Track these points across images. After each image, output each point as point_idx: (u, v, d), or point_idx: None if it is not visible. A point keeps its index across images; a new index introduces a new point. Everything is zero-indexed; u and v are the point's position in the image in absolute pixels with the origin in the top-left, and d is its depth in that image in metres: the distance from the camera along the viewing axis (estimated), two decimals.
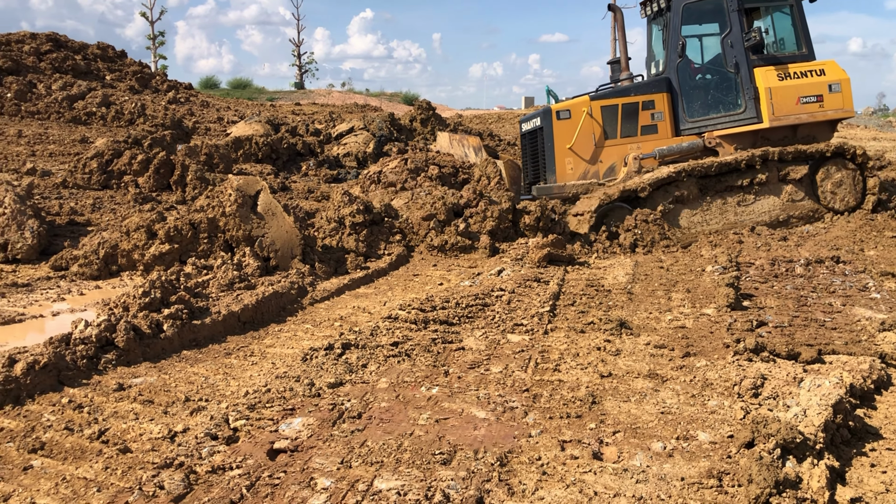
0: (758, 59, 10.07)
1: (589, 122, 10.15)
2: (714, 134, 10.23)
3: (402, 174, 10.28)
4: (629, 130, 10.29)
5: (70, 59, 21.85)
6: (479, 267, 7.72)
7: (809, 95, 10.03)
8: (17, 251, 7.17)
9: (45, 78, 20.17)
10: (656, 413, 3.65)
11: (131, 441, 3.38)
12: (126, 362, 4.44)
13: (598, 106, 10.23)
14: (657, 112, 10.32)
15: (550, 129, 10.15)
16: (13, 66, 19.88)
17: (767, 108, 9.93)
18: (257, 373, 4.42)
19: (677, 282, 6.82)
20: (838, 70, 10.23)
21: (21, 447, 3.28)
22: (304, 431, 3.41)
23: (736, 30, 10.00)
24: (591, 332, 5.10)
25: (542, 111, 10.39)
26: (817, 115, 10.11)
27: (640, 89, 10.41)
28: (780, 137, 10.22)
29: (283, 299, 6.03)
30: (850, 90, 10.28)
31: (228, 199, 7.06)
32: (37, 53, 21.55)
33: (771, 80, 9.97)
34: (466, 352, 4.66)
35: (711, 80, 10.43)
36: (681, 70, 10.30)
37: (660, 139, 10.35)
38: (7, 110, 17.62)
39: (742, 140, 10.20)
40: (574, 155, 10.13)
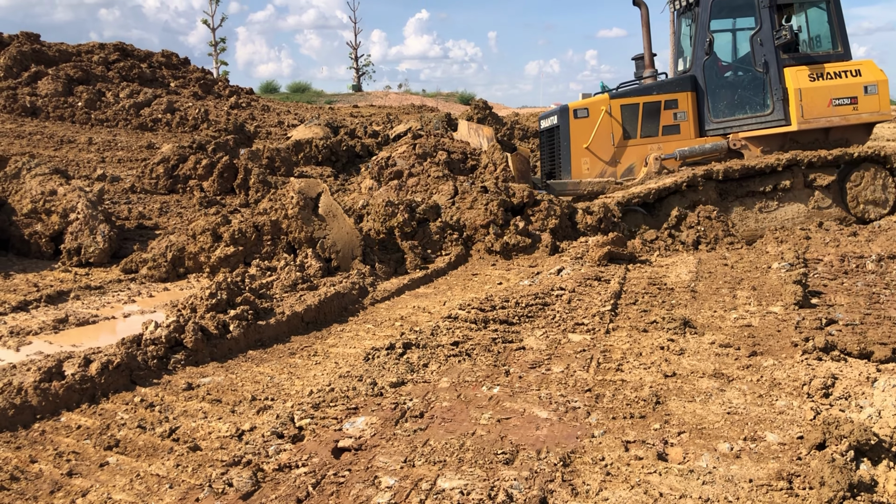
0: (789, 58, 9.69)
1: (608, 121, 9.93)
2: (740, 135, 9.90)
3: (410, 158, 10.16)
4: (650, 130, 10.02)
5: (136, 67, 22.51)
6: (538, 266, 7.69)
7: (843, 97, 9.60)
8: (89, 255, 7.43)
9: (113, 86, 20.82)
10: (722, 413, 3.59)
11: (201, 439, 3.47)
12: (194, 362, 4.56)
13: (618, 105, 9.98)
14: (680, 112, 10.03)
15: (567, 128, 9.94)
16: (83, 76, 20.58)
17: (796, 110, 9.54)
18: (321, 372, 4.49)
19: (742, 279, 6.68)
20: (876, 70, 9.76)
21: (97, 444, 3.40)
22: (367, 430, 3.45)
23: (766, 27, 9.63)
24: (653, 332, 5.03)
25: (560, 109, 10.17)
26: (850, 119, 9.67)
27: (662, 88, 10.12)
28: (811, 140, 9.80)
29: (344, 300, 6.11)
30: (887, 92, 9.81)
31: (290, 201, 7.19)
32: (105, 63, 22.27)
33: (801, 81, 9.56)
34: (527, 351, 4.65)
35: (739, 79, 10.08)
36: (707, 68, 9.98)
37: (682, 140, 10.03)
38: (78, 119, 18.24)
39: (769, 142, 9.82)
40: (591, 154, 9.91)
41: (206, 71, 26.08)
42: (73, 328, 5.47)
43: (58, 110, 18.34)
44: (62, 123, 17.84)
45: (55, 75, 19.86)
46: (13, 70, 19.99)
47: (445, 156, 10.24)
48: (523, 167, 9.83)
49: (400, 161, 10.16)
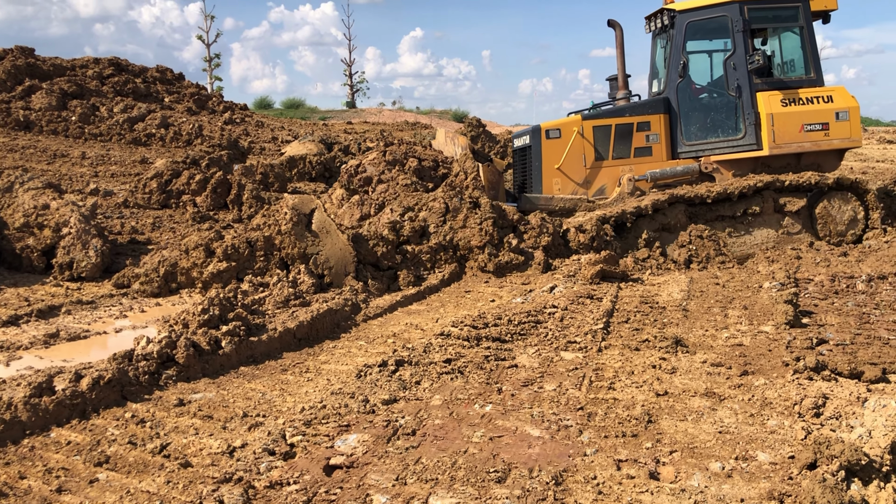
0: (762, 82, 9.71)
1: (580, 142, 9.92)
2: (712, 159, 9.89)
3: (380, 165, 10.09)
4: (622, 152, 10.01)
5: (131, 82, 22.54)
6: (531, 283, 7.71)
7: (814, 123, 9.62)
8: (81, 269, 7.41)
9: (107, 101, 20.83)
10: (714, 433, 3.59)
11: (192, 455, 3.46)
12: (186, 378, 4.55)
13: (591, 126, 9.98)
14: (653, 134, 10.03)
15: (539, 148, 9.93)
16: (77, 91, 20.58)
17: (768, 135, 9.56)
18: (313, 389, 4.48)
19: (734, 298, 6.70)
20: (847, 97, 9.79)
21: (87, 460, 3.38)
22: (359, 448, 3.45)
23: (740, 51, 9.66)
24: (645, 350, 5.04)
25: (532, 129, 10.16)
26: (821, 145, 9.69)
27: (635, 110, 10.12)
28: (783, 165, 9.81)
29: (337, 316, 6.11)
30: (858, 119, 9.84)
31: (284, 217, 7.19)
32: (99, 77, 22.28)
33: (774, 106, 9.58)
34: (519, 369, 4.66)
35: (712, 102, 10.09)
36: (681, 90, 9.99)
37: (654, 162, 10.03)
38: (72, 133, 18.23)
39: (741, 166, 9.83)
40: (562, 175, 9.90)
41: (200, 86, 26.12)
42: (64, 343, 5.45)
43: (51, 124, 18.33)
44: (55, 137, 17.83)
45: (49, 89, 19.87)
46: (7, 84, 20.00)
47: (416, 163, 10.16)
48: (494, 178, 9.78)
49: (370, 168, 10.08)
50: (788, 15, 9.93)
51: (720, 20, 9.85)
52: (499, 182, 9.90)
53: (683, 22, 9.88)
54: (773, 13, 10.00)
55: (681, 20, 9.89)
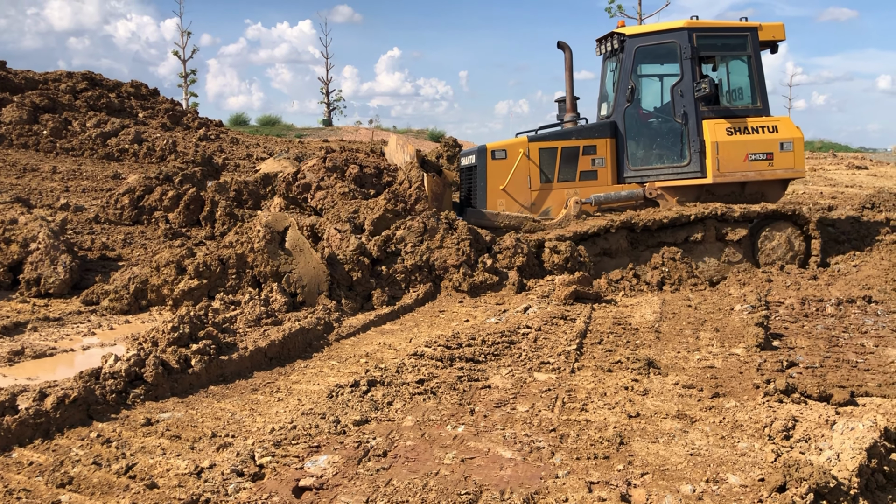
0: (709, 110, 9.76)
1: (525, 163, 9.90)
2: (656, 184, 9.92)
3: (319, 172, 9.93)
4: (567, 175, 9.99)
5: (104, 96, 22.36)
6: (505, 304, 7.71)
7: (759, 153, 9.69)
8: (49, 286, 7.29)
9: (80, 115, 20.63)
10: (685, 455, 3.60)
11: (158, 476, 3.39)
12: (154, 397, 4.47)
13: (537, 148, 9.95)
14: (598, 158, 10.01)
15: (484, 169, 9.89)
16: (49, 104, 20.38)
17: (713, 163, 9.59)
18: (283, 409, 4.43)
19: (705, 321, 6.75)
20: (792, 128, 9.89)
21: (49, 481, 3.30)
22: (329, 469, 3.41)
23: (687, 78, 9.70)
24: (618, 372, 5.05)
25: (478, 148, 10.11)
26: (765, 174, 9.77)
27: (582, 133, 10.11)
28: (727, 193, 9.86)
29: (309, 335, 6.06)
30: (802, 149, 9.90)
31: (257, 235, 7.14)
32: (73, 91, 22.08)
33: (719, 134, 9.63)
34: (492, 390, 4.64)
35: (659, 128, 10.12)
36: (628, 115, 10.00)
37: (599, 186, 10.02)
38: (43, 147, 18.02)
39: (686, 193, 9.87)
40: (507, 196, 9.87)
41: (175, 102, 25.98)
42: (29, 360, 5.34)
43: (22, 138, 18.11)
44: (26, 151, 17.61)
45: (20, 103, 19.64)
46: None
47: (357, 170, 9.95)
48: (438, 189, 9.63)
49: (309, 174, 9.88)
50: (737, 43, 9.99)
51: (669, 46, 9.90)
52: (443, 193, 9.76)
53: (633, 47, 9.90)
54: (722, 41, 10.07)
55: (630, 45, 9.91)
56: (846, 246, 10.30)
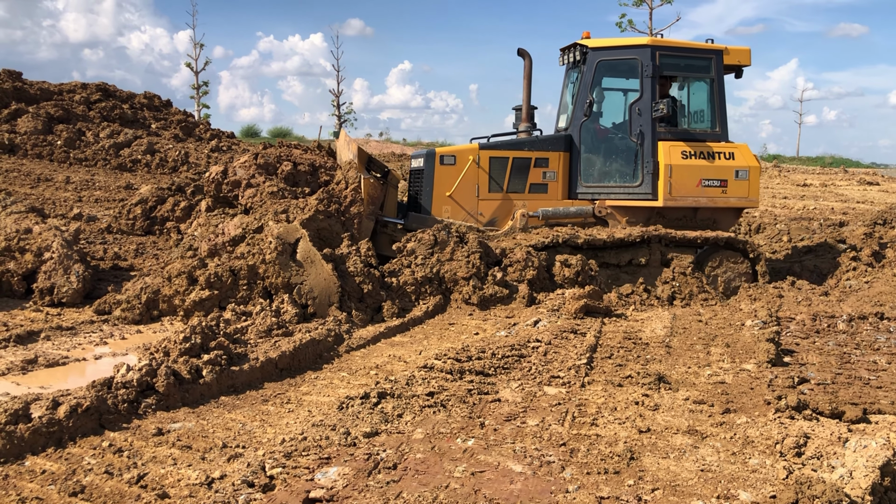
0: (666, 131, 9.60)
1: (474, 171, 9.71)
2: (606, 203, 9.78)
3: (250, 169, 9.55)
4: (517, 186, 9.82)
5: (118, 107, 22.54)
6: (515, 317, 7.71)
7: (713, 179, 9.52)
8: (62, 295, 7.34)
9: (93, 126, 20.80)
10: (696, 470, 3.59)
11: (169, 486, 3.41)
12: (165, 407, 4.49)
13: (487, 156, 9.76)
14: (550, 171, 9.85)
15: (432, 173, 9.68)
16: (64, 115, 20.56)
17: (664, 186, 9.43)
18: (294, 420, 4.44)
19: (716, 336, 6.73)
20: (749, 156, 9.72)
21: (62, 490, 3.32)
22: (339, 481, 3.41)
23: (646, 97, 9.50)
24: (628, 386, 5.04)
25: (427, 152, 9.91)
26: (718, 201, 9.61)
27: (535, 145, 9.91)
28: (678, 217, 9.72)
29: (319, 346, 6.07)
30: (758, 179, 9.75)
31: (269, 246, 7.17)
32: (87, 102, 22.27)
33: (674, 157, 9.46)
34: (502, 403, 4.64)
35: (614, 145, 9.94)
36: (584, 130, 9.82)
37: (549, 200, 9.85)
38: (57, 157, 18.17)
39: (635, 214, 9.72)
40: (453, 203, 9.69)
41: (187, 113, 26.16)
42: (42, 369, 5.38)
43: (36, 148, 18.27)
44: (40, 161, 17.76)
45: (35, 113, 19.83)
46: None
47: (290, 167, 9.62)
48: (375, 193, 9.27)
49: (240, 171, 9.53)
50: (700, 65, 9.82)
51: (631, 62, 9.72)
52: (380, 197, 9.40)
53: (594, 60, 9.71)
54: (686, 62, 9.89)
55: (592, 58, 9.72)
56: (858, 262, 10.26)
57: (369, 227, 9.03)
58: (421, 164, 9.85)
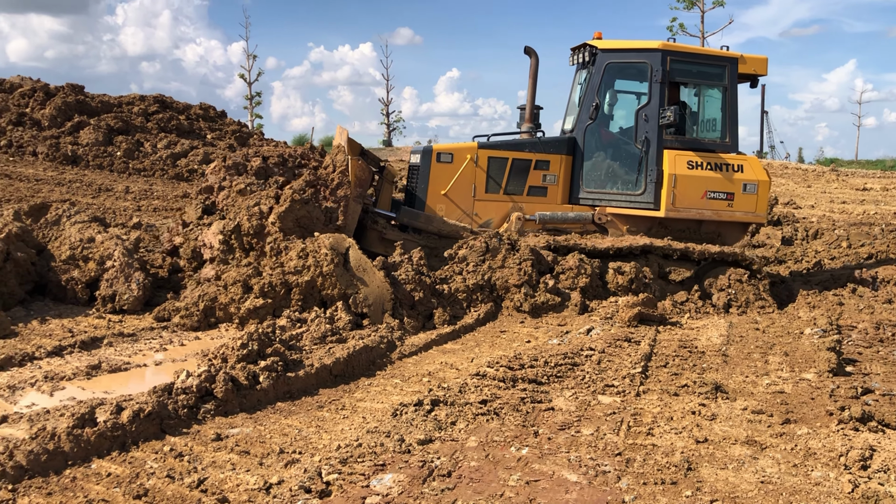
0: (673, 139, 9.29)
1: (471, 170, 9.47)
2: (607, 210, 9.49)
3: (220, 172, 9.30)
4: (515, 188, 9.58)
5: (175, 119, 23.08)
6: (567, 325, 7.66)
7: (719, 191, 9.17)
8: (123, 302, 7.53)
9: (151, 137, 21.34)
10: (756, 482, 3.52)
11: (229, 491, 3.47)
12: (224, 412, 4.58)
13: (486, 155, 9.51)
14: (551, 174, 9.60)
15: (427, 170, 9.46)
16: (123, 127, 21.13)
17: (668, 197, 9.10)
18: (348, 426, 4.48)
19: (774, 344, 6.60)
20: (759, 170, 9.34)
21: (126, 493, 3.41)
22: (394, 488, 3.44)
23: (654, 103, 9.21)
24: (684, 396, 4.97)
25: (424, 149, 9.70)
26: (722, 215, 9.25)
27: (536, 146, 9.63)
28: (681, 229, 9.39)
29: (372, 353, 6.12)
30: (766, 194, 9.35)
31: (325, 258, 7.26)
32: (145, 114, 22.85)
33: (679, 167, 9.12)
34: (556, 412, 4.62)
35: (618, 151, 9.62)
36: (589, 133, 9.55)
37: (547, 204, 9.60)
38: (116, 168, 18.68)
39: (637, 224, 9.43)
40: (448, 202, 9.46)
41: (241, 124, 26.64)
42: (105, 374, 5.53)
43: (97, 159, 18.81)
44: (101, 172, 18.27)
45: (96, 125, 20.42)
46: (57, 119, 20.60)
47: (260, 161, 9.32)
48: (364, 176, 8.88)
49: (211, 177, 9.34)
50: (713, 73, 9.52)
51: (640, 66, 9.46)
52: (368, 179, 9.09)
53: (603, 62, 9.45)
54: (698, 69, 9.58)
55: (601, 60, 9.47)
56: None
57: (357, 210, 8.75)
58: (418, 160, 9.66)
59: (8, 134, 19.63)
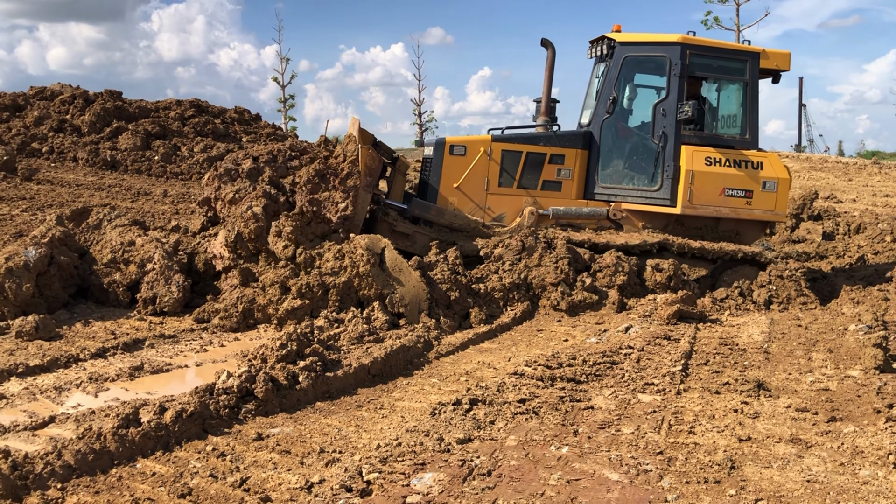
0: (691, 135, 9.08)
1: (485, 163, 9.30)
2: (623, 206, 9.31)
3: (214, 182, 9.01)
4: (529, 182, 9.38)
5: (210, 122, 23.40)
6: (605, 323, 7.60)
7: (737, 189, 8.94)
8: (164, 304, 7.64)
9: (188, 141, 21.65)
10: (802, 481, 3.46)
11: (271, 490, 3.50)
12: (264, 412, 4.62)
13: (500, 148, 9.33)
14: (565, 169, 9.39)
15: (440, 163, 9.30)
16: (160, 131, 21.47)
17: (684, 193, 8.90)
18: (387, 426, 4.50)
19: (817, 341, 6.48)
20: (779, 167, 9.08)
21: (171, 492, 3.46)
22: (435, 487, 3.44)
23: (673, 97, 8.99)
24: (726, 393, 4.91)
25: (437, 141, 9.49)
26: (741, 213, 9.02)
27: (551, 140, 9.44)
28: (698, 227, 9.19)
29: (410, 353, 6.14)
30: (787, 192, 9.11)
31: (361, 259, 7.30)
32: (181, 119, 23.20)
33: (697, 163, 8.90)
34: (595, 411, 4.58)
35: (635, 146, 9.43)
36: (606, 127, 9.36)
37: (561, 198, 9.40)
38: (154, 172, 18.98)
39: (653, 220, 9.24)
40: (461, 195, 9.30)
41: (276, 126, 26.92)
42: (148, 375, 5.61)
43: (136, 163, 19.14)
44: (139, 176, 18.59)
45: (134, 130, 20.77)
46: (97, 125, 21.00)
47: (250, 163, 8.98)
48: (374, 165, 8.65)
49: (207, 189, 9.13)
50: (734, 68, 9.29)
51: (659, 60, 9.28)
52: (378, 169, 8.84)
53: (621, 55, 9.28)
54: (718, 63, 9.34)
55: (619, 52, 9.29)
56: None
57: (366, 200, 8.57)
58: (431, 152, 9.54)
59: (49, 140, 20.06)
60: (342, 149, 8.77)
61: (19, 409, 4.67)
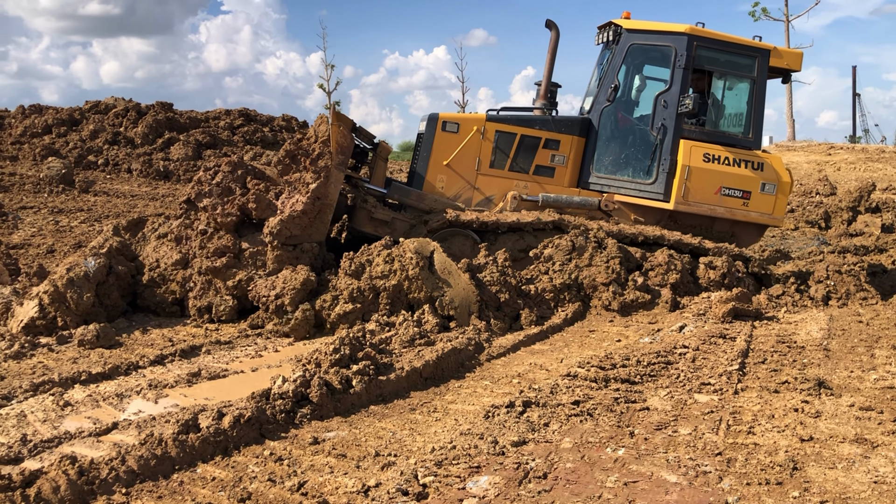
0: (692, 129, 8.83)
1: (477, 142, 9.08)
2: (615, 197, 9.06)
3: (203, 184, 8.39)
4: (521, 166, 9.17)
5: (259, 131, 23.78)
6: (658, 323, 7.50)
7: (734, 188, 8.70)
8: (220, 312, 7.77)
9: (237, 149, 22.04)
10: (868, 482, 3.37)
11: (328, 494, 3.54)
12: (319, 417, 4.67)
13: (494, 128, 9.13)
14: (560, 155, 9.19)
15: (431, 138, 9.09)
16: (211, 141, 21.90)
17: (679, 189, 8.67)
18: (441, 429, 4.51)
19: (880, 337, 6.30)
20: (781, 169, 8.78)
21: (231, 496, 3.52)
22: (490, 490, 3.43)
23: (675, 89, 8.77)
24: (785, 392, 4.80)
25: (430, 116, 9.26)
26: (736, 214, 8.76)
27: (547, 124, 9.23)
28: (693, 225, 8.92)
29: (461, 355, 6.14)
30: (786, 196, 8.77)
31: (410, 262, 7.33)
32: (230, 128, 23.63)
33: (694, 159, 8.66)
34: (651, 412, 4.53)
35: (633, 136, 9.18)
36: (605, 115, 9.16)
37: (553, 185, 9.19)
38: None
39: (646, 214, 9.00)
40: (451, 173, 9.08)
41: None
42: (205, 381, 5.72)
43: (188, 173, 19.53)
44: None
45: (186, 141, 21.22)
46: (149, 137, 21.51)
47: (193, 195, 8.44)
48: (344, 143, 8.31)
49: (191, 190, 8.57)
50: (742, 63, 9.03)
51: (664, 50, 9.04)
52: (350, 147, 8.39)
53: (627, 43, 9.08)
54: (726, 57, 9.06)
55: (625, 40, 9.09)
56: None
57: (339, 178, 8.27)
58: (423, 127, 9.37)
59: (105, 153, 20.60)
60: (313, 130, 8.63)
61: (84, 416, 4.80)
